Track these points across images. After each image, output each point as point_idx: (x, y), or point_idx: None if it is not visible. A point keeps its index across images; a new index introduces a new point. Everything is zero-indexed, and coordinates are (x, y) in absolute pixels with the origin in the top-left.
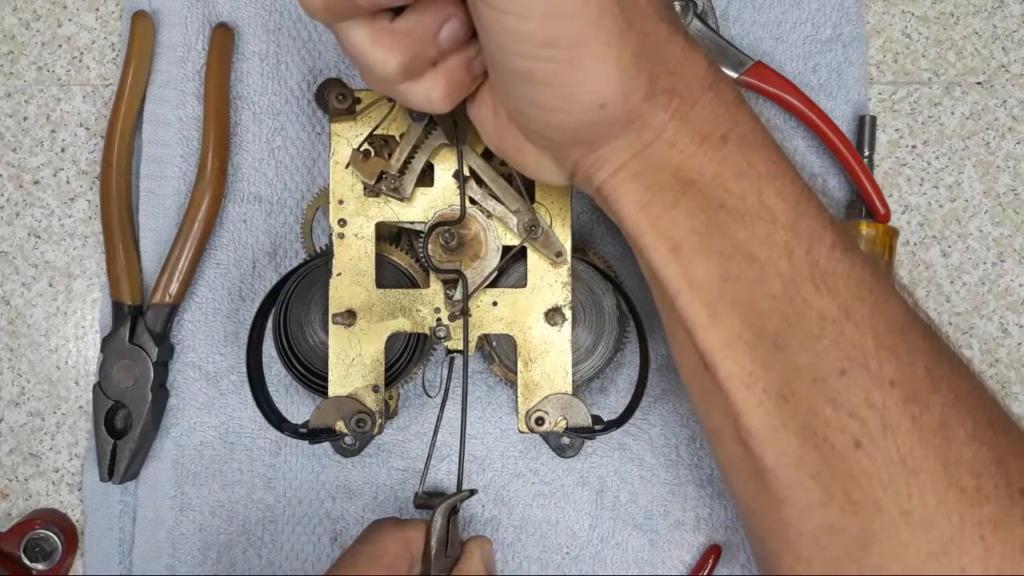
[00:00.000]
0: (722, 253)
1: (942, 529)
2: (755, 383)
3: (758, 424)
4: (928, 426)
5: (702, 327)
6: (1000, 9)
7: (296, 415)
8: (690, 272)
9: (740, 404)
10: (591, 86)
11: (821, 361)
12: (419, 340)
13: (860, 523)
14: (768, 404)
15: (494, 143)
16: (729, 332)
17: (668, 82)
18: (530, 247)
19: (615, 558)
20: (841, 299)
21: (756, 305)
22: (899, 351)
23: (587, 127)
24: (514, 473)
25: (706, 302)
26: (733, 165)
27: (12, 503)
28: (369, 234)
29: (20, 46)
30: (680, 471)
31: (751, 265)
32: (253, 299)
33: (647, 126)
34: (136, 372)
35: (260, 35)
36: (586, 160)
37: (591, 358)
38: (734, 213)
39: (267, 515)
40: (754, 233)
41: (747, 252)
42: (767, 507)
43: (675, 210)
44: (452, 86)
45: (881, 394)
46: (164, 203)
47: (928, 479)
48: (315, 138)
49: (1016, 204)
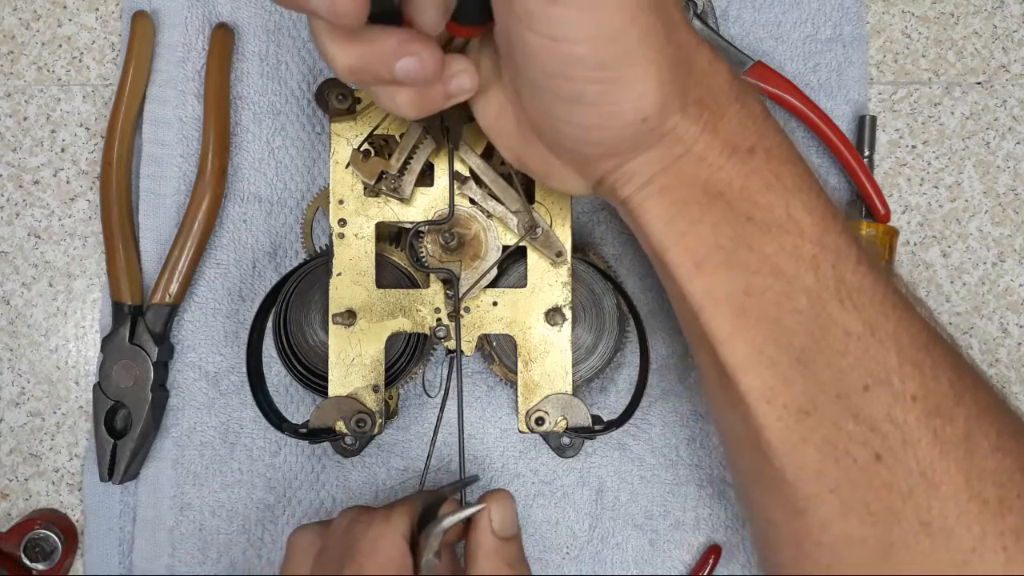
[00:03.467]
0: (747, 267)
1: (962, 540)
2: (776, 398)
3: (778, 438)
4: (950, 439)
5: (724, 341)
6: (1000, 9)
7: (296, 415)
8: (713, 287)
9: (761, 418)
10: (635, 103)
11: (845, 377)
12: (419, 340)
13: (879, 534)
14: (788, 419)
15: (514, 154)
16: (752, 347)
17: (697, 93)
18: (530, 247)
19: (615, 558)
20: (866, 315)
21: (781, 320)
22: (924, 366)
23: (623, 142)
24: (514, 473)
25: (729, 316)
26: (761, 178)
27: (12, 503)
28: (369, 234)
29: (20, 46)
30: (680, 471)
31: (778, 279)
32: (253, 299)
33: (679, 139)
34: (136, 372)
35: (260, 35)
36: (614, 174)
37: (591, 358)
38: (761, 226)
39: (267, 515)
40: (781, 247)
41: (774, 266)
42: (785, 518)
43: (701, 224)
44: (421, 100)
45: (903, 409)
46: (164, 203)
47: (949, 490)
48: (315, 138)
49: (1016, 204)
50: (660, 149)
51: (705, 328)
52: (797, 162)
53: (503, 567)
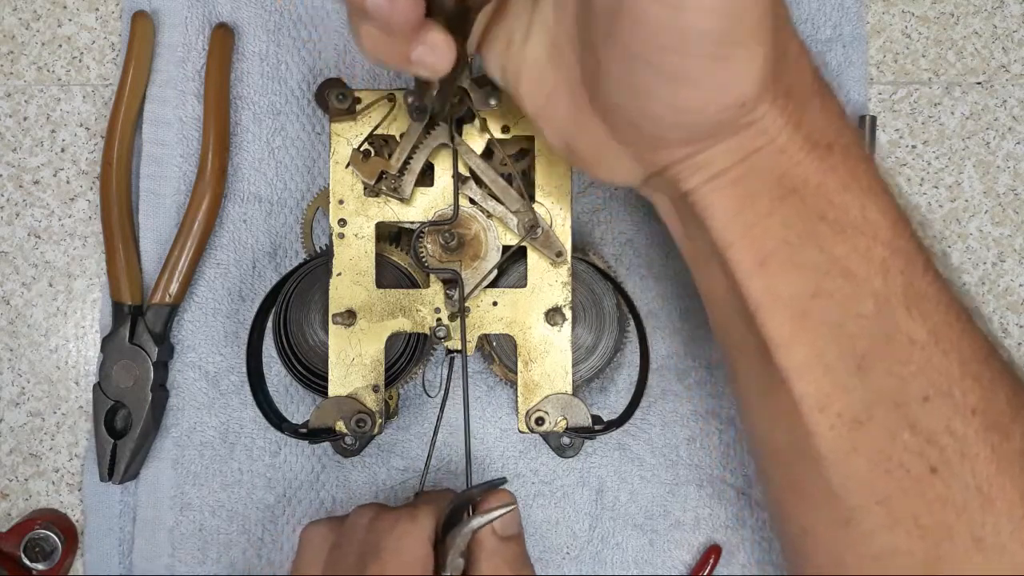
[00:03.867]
0: (816, 267)
1: (1015, 555)
2: (830, 405)
3: (828, 447)
4: (1007, 454)
5: (782, 344)
6: (1000, 9)
7: (296, 415)
8: (776, 286)
9: (812, 426)
10: (739, 86)
11: (905, 386)
12: (419, 340)
13: (927, 548)
14: (841, 428)
15: (562, 140)
16: (811, 351)
17: (787, 83)
18: (530, 247)
19: (615, 558)
20: (931, 324)
21: (844, 325)
22: (983, 379)
23: (711, 127)
24: (514, 473)
25: (789, 318)
26: (838, 176)
27: (12, 503)
28: (369, 234)
29: (20, 46)
30: (680, 471)
31: (847, 282)
32: (253, 299)
33: (763, 130)
34: (136, 372)
35: (260, 35)
36: (682, 163)
37: (591, 358)
38: (834, 226)
39: (267, 515)
40: (854, 248)
41: (844, 268)
42: (826, 529)
43: (770, 219)
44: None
45: (962, 422)
46: (164, 203)
47: (1004, 507)
48: (315, 138)
49: (1016, 204)
50: (741, 138)
51: (761, 329)
52: (871, 163)
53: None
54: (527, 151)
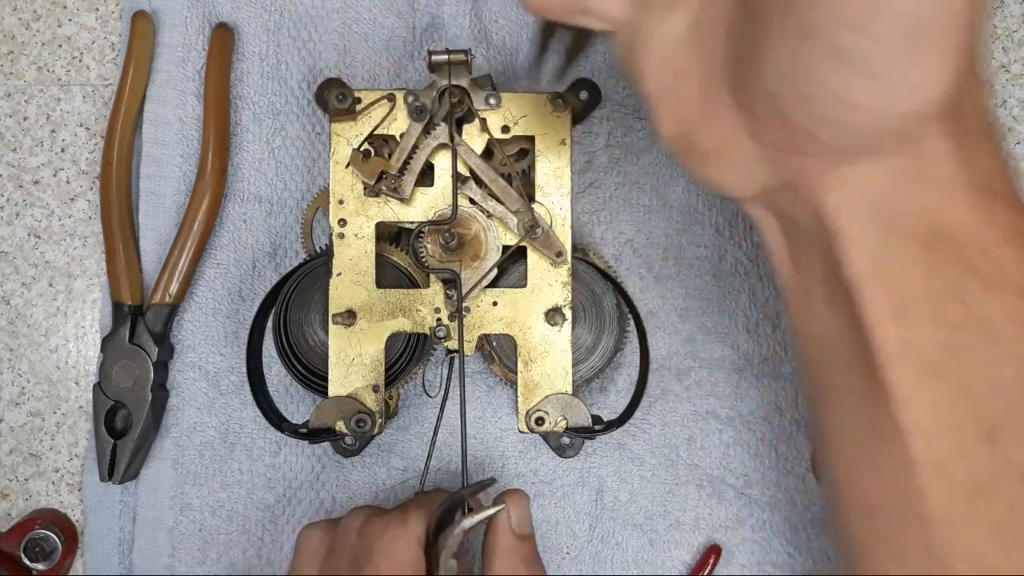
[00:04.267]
0: (958, 325)
1: None
2: (951, 473)
3: (940, 515)
4: None
5: (907, 399)
6: (1000, 9)
7: (296, 415)
8: (910, 339)
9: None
10: (926, 88)
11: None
12: (419, 340)
13: None
14: (958, 496)
15: (680, 126)
16: (936, 410)
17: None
18: (530, 247)
19: (615, 558)
20: None
21: (977, 388)
22: None
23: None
24: (514, 473)
25: (918, 373)
26: (999, 229)
27: (12, 503)
28: (369, 234)
29: (20, 46)
30: (680, 471)
31: (990, 343)
32: (253, 299)
33: (921, 153)
34: (136, 372)
35: (260, 35)
36: (824, 176)
37: (591, 358)
38: (985, 280)
39: (267, 515)
40: (1002, 307)
41: (989, 328)
42: None
43: (915, 264)
44: None
45: None
46: (164, 203)
47: None
48: (315, 138)
49: None
50: (897, 158)
51: (886, 382)
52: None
53: (520, 566)
54: (527, 151)
